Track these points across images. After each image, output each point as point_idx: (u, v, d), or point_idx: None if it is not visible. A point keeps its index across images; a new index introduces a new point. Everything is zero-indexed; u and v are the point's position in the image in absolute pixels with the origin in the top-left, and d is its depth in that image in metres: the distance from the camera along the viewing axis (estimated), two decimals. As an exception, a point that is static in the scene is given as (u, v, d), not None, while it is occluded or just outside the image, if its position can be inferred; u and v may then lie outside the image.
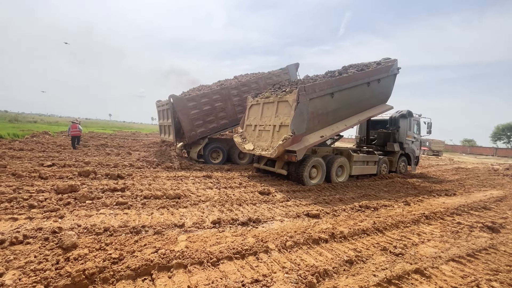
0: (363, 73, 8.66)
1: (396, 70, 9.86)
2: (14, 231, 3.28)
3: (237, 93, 11.26)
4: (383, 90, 9.74)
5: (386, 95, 10.08)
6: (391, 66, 9.60)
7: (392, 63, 9.70)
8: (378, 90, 9.38)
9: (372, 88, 9.01)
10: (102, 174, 6.90)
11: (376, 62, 10.14)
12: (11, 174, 6.22)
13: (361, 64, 10.15)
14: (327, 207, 5.49)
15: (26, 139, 14.39)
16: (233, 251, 3.14)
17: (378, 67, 9.37)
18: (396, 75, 10.01)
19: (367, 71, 8.85)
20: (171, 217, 4.30)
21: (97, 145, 14.31)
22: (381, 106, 9.91)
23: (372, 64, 9.94)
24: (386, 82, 9.71)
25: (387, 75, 9.56)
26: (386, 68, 9.45)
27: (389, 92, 10.12)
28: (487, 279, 2.90)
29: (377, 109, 9.71)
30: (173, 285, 2.48)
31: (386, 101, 10.23)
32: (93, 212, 4.23)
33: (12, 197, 4.46)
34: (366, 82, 8.71)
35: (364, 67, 9.48)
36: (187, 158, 11.56)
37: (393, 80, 10.05)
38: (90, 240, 3.22)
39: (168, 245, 3.22)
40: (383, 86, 9.62)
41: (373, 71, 8.99)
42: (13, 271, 2.45)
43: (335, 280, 2.72)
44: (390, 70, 9.57)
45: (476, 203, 6.55)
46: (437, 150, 30.89)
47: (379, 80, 9.17)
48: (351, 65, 10.18)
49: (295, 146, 6.98)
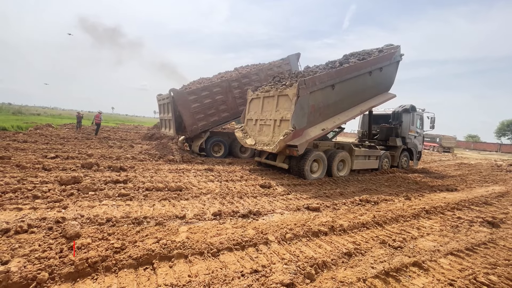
0: (365, 63, 8.41)
1: (399, 57, 9.56)
2: (19, 221, 3.34)
3: (238, 85, 11.17)
4: (385, 79, 9.48)
5: (389, 83, 9.82)
6: (394, 53, 9.30)
7: (394, 50, 9.39)
8: (380, 78, 9.14)
9: (374, 77, 8.79)
10: (104, 166, 6.97)
11: (378, 49, 9.84)
12: (15, 165, 6.30)
13: (363, 52, 9.88)
14: (328, 200, 5.51)
15: (29, 132, 14.51)
16: (233, 242, 3.18)
17: (380, 55, 9.09)
18: (399, 62, 9.71)
19: (368, 60, 8.60)
20: (172, 208, 4.36)
21: (99, 138, 14.40)
22: (383, 95, 9.66)
23: (374, 52, 9.65)
24: (389, 70, 9.44)
25: (390, 63, 9.26)
26: (388, 55, 9.15)
27: (392, 80, 9.86)
28: (485, 272, 2.92)
29: (379, 98, 9.46)
30: (174, 274, 2.53)
31: (389, 89, 9.97)
32: (95, 203, 4.29)
33: (17, 188, 4.53)
34: (368, 71, 8.48)
35: (366, 56, 9.23)
36: (189, 152, 11.61)
37: (396, 68, 9.77)
38: (93, 230, 3.28)
39: (169, 236, 3.27)
40: (386, 74, 9.35)
41: (375, 59, 8.72)
42: (18, 259, 2.51)
43: (334, 272, 2.76)
44: (393, 57, 9.27)
45: (478, 199, 6.54)
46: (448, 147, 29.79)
47: (381, 68, 8.93)
48: (352, 54, 9.93)
49: (296, 140, 6.96)
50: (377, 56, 9.02)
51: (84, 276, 2.41)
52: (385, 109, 11.90)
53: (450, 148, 29.83)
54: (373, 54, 9.48)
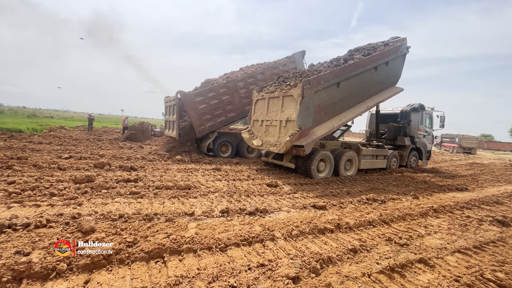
0: (370, 58, 8.25)
1: (406, 49, 9.34)
2: (38, 216, 3.53)
3: (244, 85, 11.25)
4: (392, 73, 9.29)
5: (396, 77, 9.63)
6: (400, 47, 9.08)
7: (401, 42, 9.17)
8: (386, 73, 8.98)
9: (380, 72, 8.63)
10: (116, 166, 7.19)
11: (383, 42, 9.65)
12: (32, 165, 6.59)
13: (368, 46, 9.69)
14: (334, 199, 5.54)
15: (44, 133, 15.05)
16: (241, 238, 3.27)
17: (386, 48, 8.92)
18: (405, 55, 9.50)
19: (374, 55, 8.43)
20: (181, 206, 4.49)
21: (110, 139, 14.79)
22: (390, 90, 9.46)
23: (380, 46, 9.46)
24: (395, 63, 9.24)
25: (396, 56, 9.06)
26: (394, 49, 8.94)
27: (399, 73, 9.66)
28: (492, 269, 2.91)
29: (386, 93, 9.28)
30: (184, 268, 2.64)
31: (396, 83, 9.77)
32: (108, 201, 4.47)
33: (35, 186, 4.76)
34: (374, 66, 8.33)
35: (371, 51, 9.05)
36: (197, 152, 11.78)
37: (402, 61, 9.56)
38: (107, 225, 3.43)
39: (179, 232, 3.39)
40: (392, 68, 9.17)
41: (380, 54, 8.54)
42: (38, 251, 2.67)
43: (339, 267, 2.81)
44: (399, 50, 9.06)
45: (488, 198, 6.43)
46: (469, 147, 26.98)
47: (388, 62, 8.75)
48: (357, 49, 9.78)
49: (302, 140, 6.99)
50: (383, 50, 8.81)
51: (100, 268, 2.54)
52: (393, 108, 11.78)
53: (471, 149, 26.96)
54: (378, 48, 9.28)
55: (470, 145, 27.30)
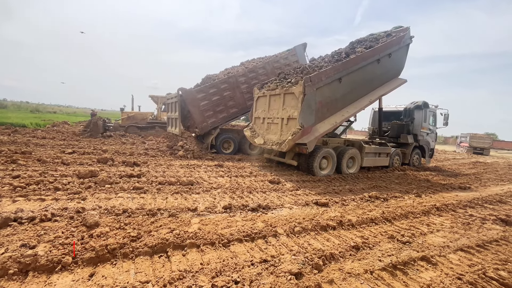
0: (372, 51, 8.04)
1: (409, 39, 9.08)
2: (43, 210, 3.57)
3: (245, 80, 11.11)
4: (395, 64, 9.08)
5: (399, 68, 9.41)
6: (403, 37, 8.82)
7: (404, 32, 8.92)
8: (389, 65, 8.77)
9: (383, 64, 8.44)
10: (119, 162, 7.22)
11: (386, 33, 9.40)
12: (36, 160, 6.63)
13: (370, 37, 9.47)
14: (336, 196, 5.54)
15: (47, 128, 15.12)
16: (243, 234, 3.29)
17: (389, 39, 8.67)
18: (409, 45, 9.23)
19: (376, 47, 8.18)
20: (184, 201, 4.51)
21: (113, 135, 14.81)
22: (393, 82, 9.25)
23: (382, 36, 9.23)
24: (398, 54, 9.00)
25: (399, 47, 8.81)
26: (397, 40, 8.69)
27: (402, 65, 9.45)
28: (494, 268, 2.91)
29: (389, 85, 9.08)
30: (187, 262, 2.66)
31: (399, 74, 9.54)
32: (112, 195, 4.50)
33: (39, 180, 4.80)
34: (376, 59, 8.13)
35: (373, 43, 8.83)
36: (199, 148, 11.80)
37: (406, 51, 9.29)
38: (111, 220, 3.46)
39: (182, 227, 3.41)
40: (395, 60, 8.94)
41: (383, 46, 8.31)
42: (44, 244, 2.70)
43: (341, 264, 2.82)
44: (402, 41, 8.79)
45: (492, 197, 6.40)
46: (480, 147, 24.29)
47: (390, 54, 8.53)
48: (359, 41, 9.58)
49: (305, 138, 6.95)
50: (385, 42, 8.57)
51: (104, 261, 2.57)
52: (396, 106, 11.71)
53: (483, 149, 24.13)
54: (380, 39, 9.04)
55: (481, 145, 24.63)
